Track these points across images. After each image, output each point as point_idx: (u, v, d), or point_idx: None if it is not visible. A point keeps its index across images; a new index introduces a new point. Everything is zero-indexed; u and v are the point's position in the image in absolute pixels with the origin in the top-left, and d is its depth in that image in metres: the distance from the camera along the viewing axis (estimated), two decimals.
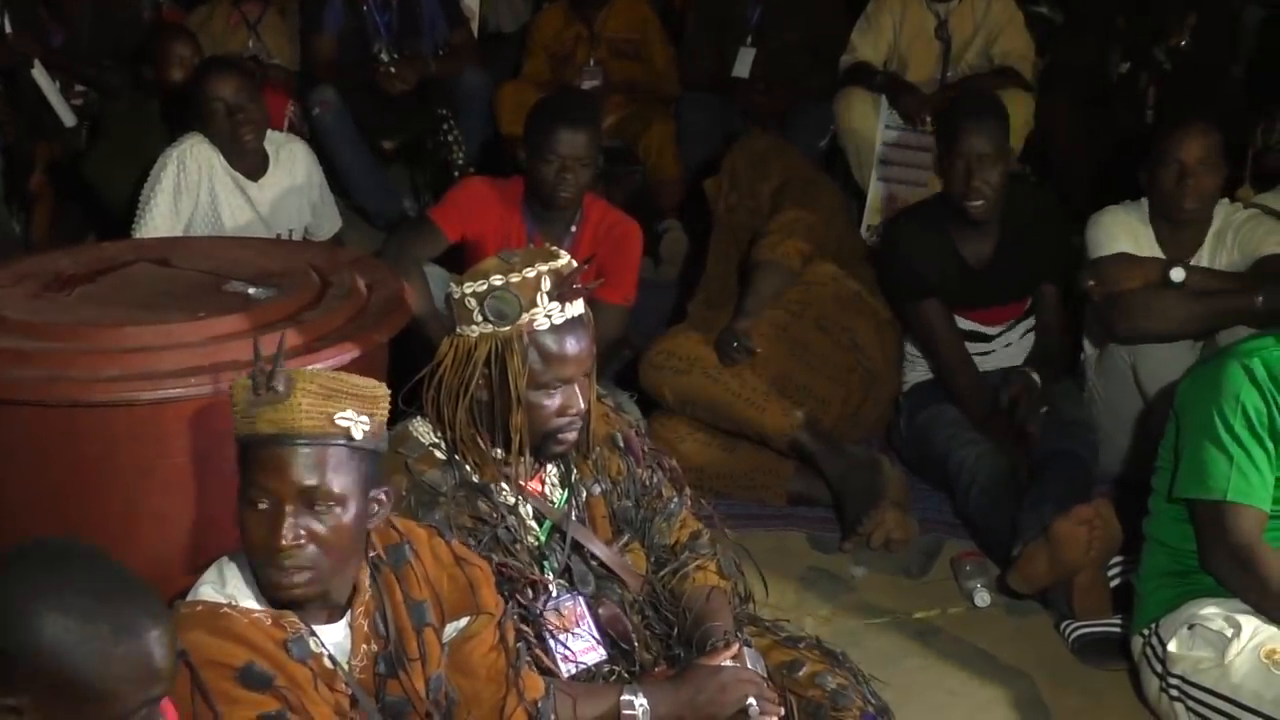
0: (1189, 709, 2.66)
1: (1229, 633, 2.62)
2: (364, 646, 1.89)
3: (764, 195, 4.16)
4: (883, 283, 3.92)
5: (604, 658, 2.22)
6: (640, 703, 2.10)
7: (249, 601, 1.83)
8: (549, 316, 2.12)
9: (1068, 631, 3.09)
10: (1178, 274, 3.40)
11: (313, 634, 1.83)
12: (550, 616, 2.18)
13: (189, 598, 1.84)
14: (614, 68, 5.48)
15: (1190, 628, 2.69)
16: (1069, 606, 3.10)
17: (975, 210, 3.62)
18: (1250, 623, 2.62)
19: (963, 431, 3.64)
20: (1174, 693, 2.69)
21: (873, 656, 2.75)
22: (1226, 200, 3.64)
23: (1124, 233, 3.59)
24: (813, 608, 3.23)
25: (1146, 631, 2.79)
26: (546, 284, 2.11)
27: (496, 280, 2.11)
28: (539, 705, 1.99)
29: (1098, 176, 4.76)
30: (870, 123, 5.02)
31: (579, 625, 2.21)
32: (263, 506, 1.80)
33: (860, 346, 3.81)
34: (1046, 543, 3.07)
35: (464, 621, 1.99)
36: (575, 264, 2.16)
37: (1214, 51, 5.05)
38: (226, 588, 1.84)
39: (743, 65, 5.43)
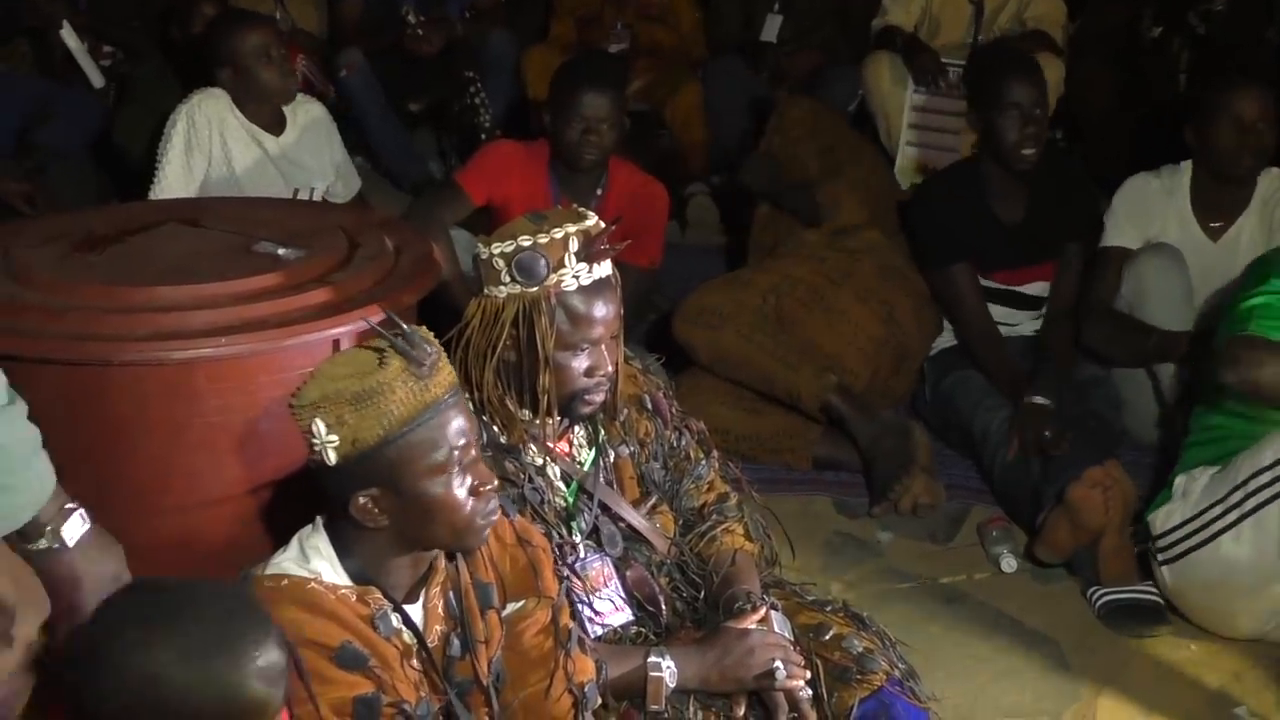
0: (1170, 562, 2.93)
1: (1179, 481, 2.92)
2: (437, 627, 1.88)
3: (808, 156, 4.12)
4: (913, 247, 3.90)
5: (631, 619, 2.22)
6: (667, 664, 2.10)
7: (334, 577, 1.80)
8: (577, 277, 2.11)
9: (1094, 597, 3.09)
10: None
11: (397, 609, 1.82)
12: (577, 578, 2.18)
13: (267, 571, 1.79)
14: (641, 31, 5.46)
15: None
16: (1095, 572, 3.10)
17: (1027, 160, 3.62)
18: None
19: (987, 397, 3.63)
20: (1160, 557, 2.93)
21: (899, 621, 2.76)
22: (1274, 169, 3.60)
23: (1138, 214, 3.58)
24: (839, 572, 3.23)
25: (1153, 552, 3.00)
26: (574, 244, 2.10)
27: (525, 240, 2.10)
28: (585, 689, 1.97)
29: (1129, 141, 4.72)
30: (898, 87, 4.99)
31: (606, 587, 2.21)
32: (454, 472, 1.77)
33: (897, 321, 3.79)
34: (1065, 510, 3.07)
35: (521, 602, 1.97)
36: (603, 225, 2.16)
37: (1249, 15, 5.00)
38: (311, 563, 1.80)
39: (770, 30, 5.42)
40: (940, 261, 3.75)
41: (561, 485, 2.22)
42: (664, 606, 2.25)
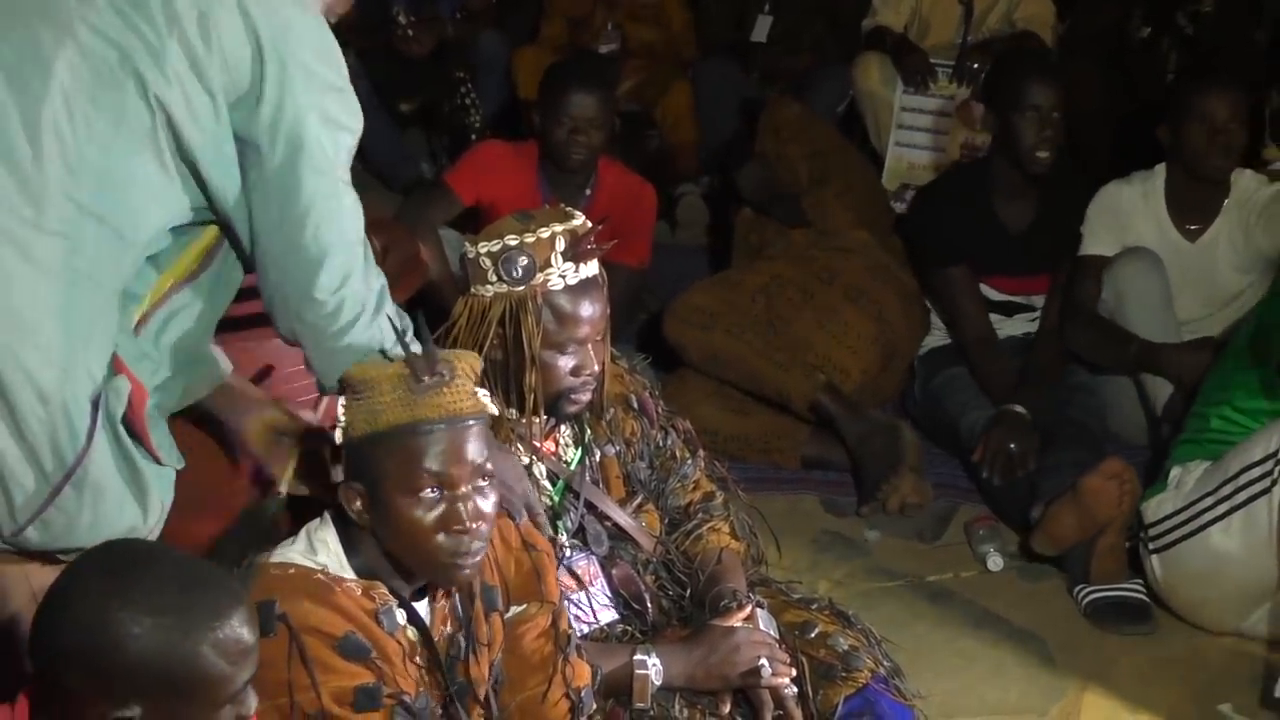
0: (1160, 551, 2.96)
1: (1174, 473, 2.95)
2: (442, 628, 1.88)
3: (797, 158, 4.12)
4: (911, 247, 3.90)
5: (617, 618, 2.23)
6: (653, 662, 2.11)
7: (340, 570, 1.81)
8: (563, 277, 2.12)
9: (1080, 595, 3.10)
10: None
11: (402, 606, 1.82)
12: (564, 576, 2.19)
13: (274, 560, 1.81)
14: (632, 31, 5.46)
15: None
16: (1084, 570, 3.10)
17: (1041, 163, 3.59)
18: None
19: (975, 397, 3.64)
20: (1150, 545, 2.96)
21: (885, 619, 2.77)
22: (1248, 170, 3.61)
23: (1113, 222, 3.58)
24: (826, 570, 3.24)
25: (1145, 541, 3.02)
26: (561, 244, 2.12)
27: (511, 240, 2.11)
28: (581, 694, 1.98)
29: (1117, 142, 4.74)
30: (887, 87, 4.99)
31: (592, 585, 2.22)
32: (429, 494, 1.75)
33: (886, 319, 3.79)
34: (1075, 500, 3.07)
35: (524, 605, 1.98)
36: (590, 224, 2.17)
37: (1237, 16, 5.01)
38: (318, 556, 1.81)
39: (760, 31, 5.42)
40: (938, 262, 3.74)
41: (548, 484, 2.23)
42: (650, 605, 2.26)
